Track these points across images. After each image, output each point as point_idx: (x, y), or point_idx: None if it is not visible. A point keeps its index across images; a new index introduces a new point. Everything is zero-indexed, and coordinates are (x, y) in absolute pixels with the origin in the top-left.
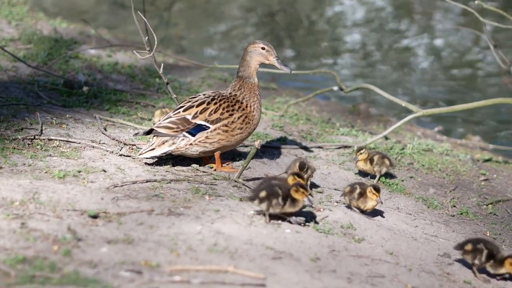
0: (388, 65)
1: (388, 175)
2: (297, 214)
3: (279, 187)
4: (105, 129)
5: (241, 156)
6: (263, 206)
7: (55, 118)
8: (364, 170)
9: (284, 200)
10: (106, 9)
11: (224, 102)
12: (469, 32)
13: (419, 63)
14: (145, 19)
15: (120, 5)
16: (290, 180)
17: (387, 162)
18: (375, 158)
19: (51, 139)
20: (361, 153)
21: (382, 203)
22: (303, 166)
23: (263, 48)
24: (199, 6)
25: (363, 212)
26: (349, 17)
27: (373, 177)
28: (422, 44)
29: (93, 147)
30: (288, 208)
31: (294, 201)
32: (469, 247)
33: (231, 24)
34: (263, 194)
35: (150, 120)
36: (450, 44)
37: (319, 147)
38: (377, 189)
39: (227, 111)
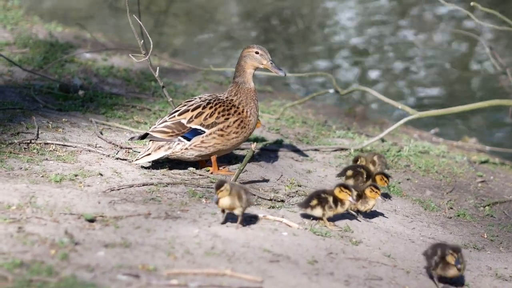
0: (385, 68)
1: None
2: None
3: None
4: (101, 133)
5: (238, 159)
6: None
7: (51, 122)
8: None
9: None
10: (101, 12)
11: (220, 106)
12: (466, 34)
13: (415, 65)
14: (140, 23)
15: (116, 8)
16: (337, 192)
17: (384, 161)
18: (375, 159)
19: (47, 143)
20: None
21: (383, 200)
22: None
23: (257, 53)
24: (195, 9)
25: (361, 213)
26: (346, 19)
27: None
28: (418, 46)
29: (90, 151)
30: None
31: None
32: None
33: (227, 27)
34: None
35: (146, 123)
36: (446, 46)
37: (316, 149)
38: (378, 188)
39: (223, 115)
